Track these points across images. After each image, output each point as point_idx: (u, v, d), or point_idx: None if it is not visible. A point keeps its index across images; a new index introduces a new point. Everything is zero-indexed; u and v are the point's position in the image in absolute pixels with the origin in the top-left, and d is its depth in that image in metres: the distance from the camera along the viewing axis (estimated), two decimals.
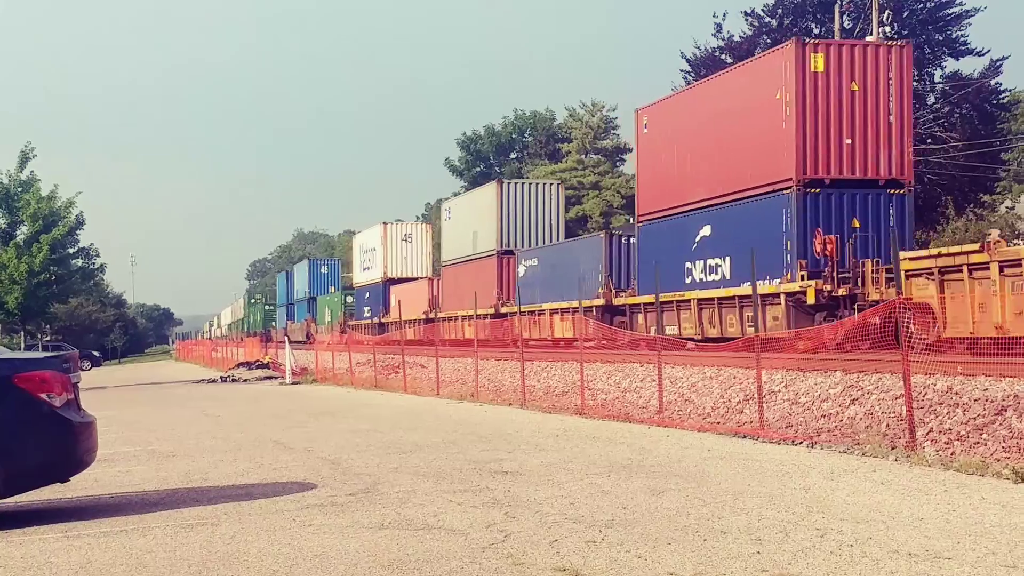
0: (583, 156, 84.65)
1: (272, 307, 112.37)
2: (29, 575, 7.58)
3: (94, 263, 54.88)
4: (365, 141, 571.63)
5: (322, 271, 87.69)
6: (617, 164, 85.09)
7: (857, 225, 26.20)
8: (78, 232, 51.89)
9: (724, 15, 56.90)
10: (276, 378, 41.65)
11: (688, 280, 30.92)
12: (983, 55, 51.59)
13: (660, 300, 24.88)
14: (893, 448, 12.70)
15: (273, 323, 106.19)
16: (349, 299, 74.31)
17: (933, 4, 51.60)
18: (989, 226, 37.08)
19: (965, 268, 19.92)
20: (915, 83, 52.51)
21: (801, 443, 13.94)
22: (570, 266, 39.37)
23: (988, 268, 19.44)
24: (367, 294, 69.06)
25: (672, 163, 32.54)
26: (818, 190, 26.48)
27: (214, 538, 8.62)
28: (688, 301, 30.55)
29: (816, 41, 28.17)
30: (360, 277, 72.79)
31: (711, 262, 29.86)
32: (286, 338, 52.48)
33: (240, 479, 12.31)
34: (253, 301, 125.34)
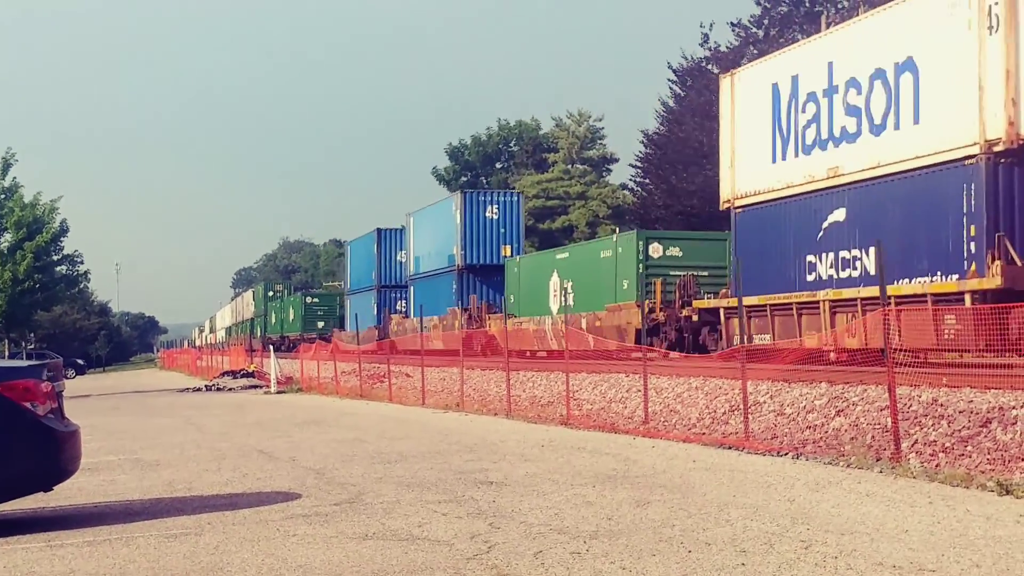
0: (569, 166, 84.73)
1: (319, 299, 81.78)
2: None
3: (78, 269, 54.80)
4: (351, 150, 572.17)
5: (489, 215, 48.84)
6: (603, 174, 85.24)
7: None
8: (62, 239, 51.84)
9: (711, 25, 57.06)
10: (261, 387, 41.52)
11: None
12: None
13: None
14: (878, 460, 12.73)
15: (320, 323, 75.88)
16: (652, 250, 33.43)
17: None
18: None
19: None
20: None
21: (786, 454, 13.96)
22: None
23: None
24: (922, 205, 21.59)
25: None
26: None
27: (198, 548, 8.59)
28: None
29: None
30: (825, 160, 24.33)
31: None
32: (271, 347, 52.29)
33: (224, 489, 12.27)
34: (272, 294, 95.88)
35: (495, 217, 48.67)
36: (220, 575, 7.63)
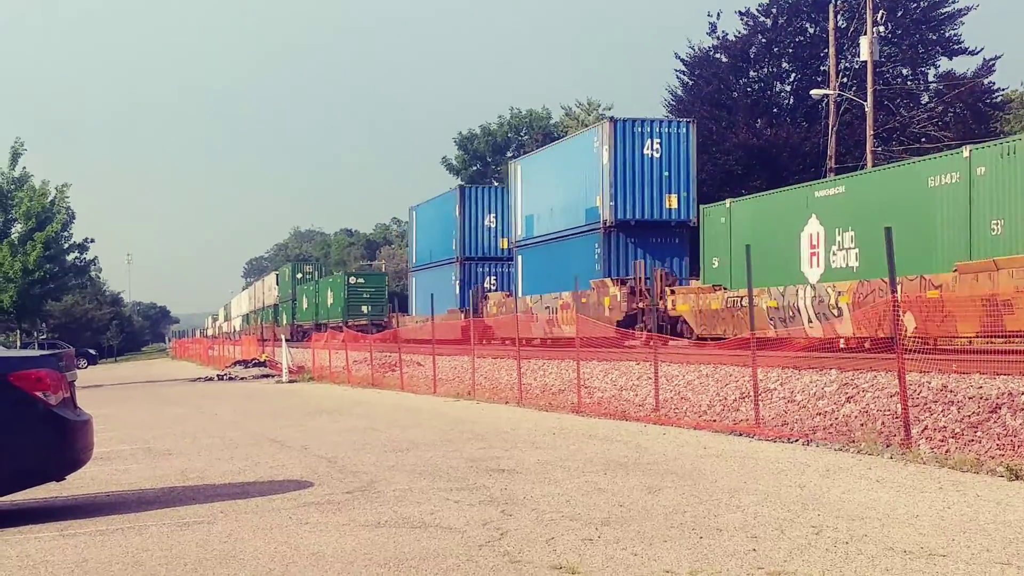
0: None
1: (364, 280, 68.06)
2: (25, 574, 7.58)
3: (87, 257, 54.88)
4: (362, 140, 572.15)
5: (648, 153, 36.01)
6: None
7: None
8: (71, 226, 51.98)
9: (719, 14, 57.01)
10: (273, 376, 41.63)
11: None
12: (976, 54, 51.77)
13: None
14: (888, 446, 12.73)
15: (366, 307, 63.14)
16: None
17: (927, 3, 51.71)
18: None
19: None
20: (909, 82, 52.79)
21: (797, 441, 13.96)
22: None
23: None
24: None
25: None
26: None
27: (210, 536, 8.62)
28: None
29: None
30: None
31: None
32: (283, 336, 52.24)
33: (237, 477, 12.31)
34: (302, 276, 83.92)
35: (657, 156, 35.57)
36: (233, 563, 7.66)
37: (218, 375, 45.31)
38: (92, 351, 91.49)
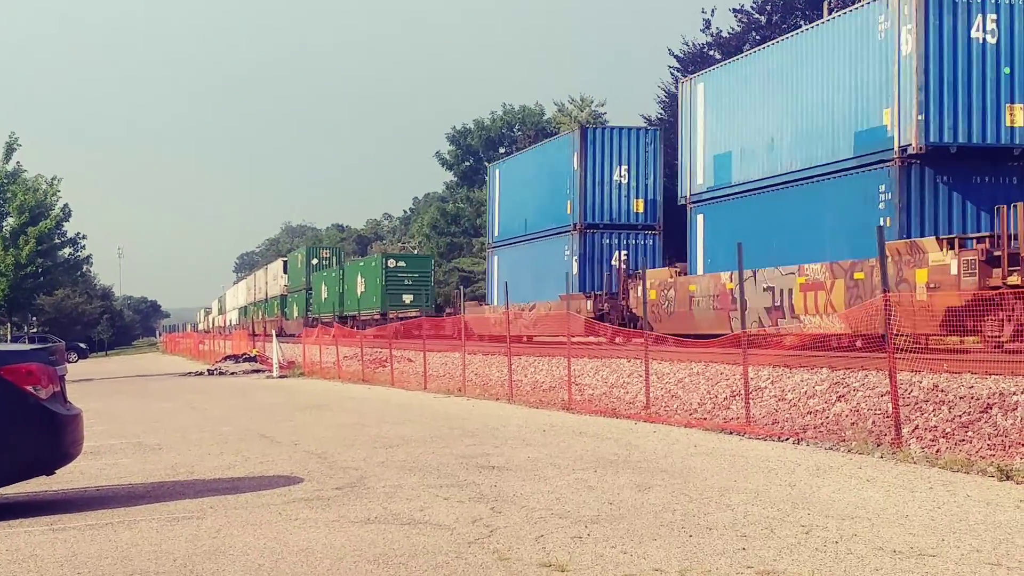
0: None
1: (406, 263, 57.92)
2: (14, 568, 7.56)
3: (80, 254, 54.87)
4: (354, 134, 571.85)
5: (977, 36, 21.92)
6: None
7: None
8: (64, 224, 51.98)
9: (713, 11, 56.83)
10: (263, 371, 41.57)
11: None
12: None
13: None
14: (879, 445, 12.74)
15: (408, 296, 55.12)
16: None
17: None
18: None
19: None
20: None
21: (787, 439, 13.97)
22: None
23: None
24: None
25: None
26: None
27: (200, 532, 8.61)
28: None
29: None
30: None
31: None
32: (274, 331, 52.14)
33: (226, 472, 12.30)
34: (317, 261, 74.29)
35: (992, 41, 22.38)
36: (222, 558, 7.65)
37: (208, 370, 45.21)
38: (83, 345, 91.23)
